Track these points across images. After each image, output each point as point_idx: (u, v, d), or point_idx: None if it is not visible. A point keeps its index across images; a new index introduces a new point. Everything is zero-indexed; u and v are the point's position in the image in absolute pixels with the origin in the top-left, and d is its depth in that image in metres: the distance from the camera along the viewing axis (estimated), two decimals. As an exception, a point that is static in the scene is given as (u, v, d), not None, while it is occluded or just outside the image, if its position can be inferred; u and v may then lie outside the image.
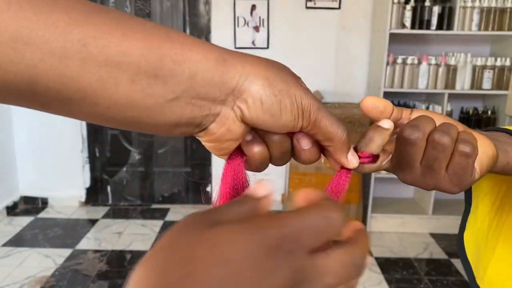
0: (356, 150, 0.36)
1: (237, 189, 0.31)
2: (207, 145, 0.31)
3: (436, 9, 2.63)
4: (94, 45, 0.24)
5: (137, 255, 2.50)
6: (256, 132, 0.32)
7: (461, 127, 0.38)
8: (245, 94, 0.29)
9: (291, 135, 0.32)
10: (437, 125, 0.36)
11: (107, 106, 0.26)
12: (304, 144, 0.32)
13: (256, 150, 0.31)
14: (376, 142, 0.35)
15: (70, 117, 0.27)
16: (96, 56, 0.24)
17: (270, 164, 0.34)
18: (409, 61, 2.70)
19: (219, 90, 0.28)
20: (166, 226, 2.90)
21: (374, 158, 0.36)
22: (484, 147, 0.37)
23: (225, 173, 0.31)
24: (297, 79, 0.32)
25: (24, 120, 3.11)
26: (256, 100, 0.29)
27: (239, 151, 0.32)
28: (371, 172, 0.37)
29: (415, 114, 0.38)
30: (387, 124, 0.35)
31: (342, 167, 0.35)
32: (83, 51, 0.24)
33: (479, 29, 2.64)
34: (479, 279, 0.50)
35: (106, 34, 0.25)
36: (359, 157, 0.35)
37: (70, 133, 3.12)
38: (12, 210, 3.07)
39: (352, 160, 0.34)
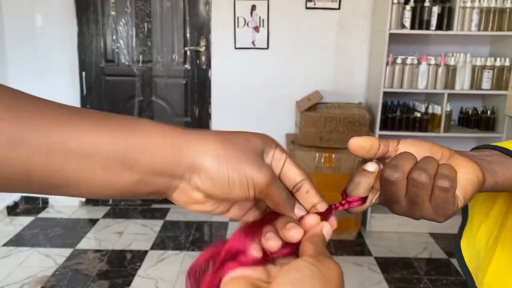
0: (345, 195, 0.39)
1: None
2: (193, 210, 0.37)
3: (436, 9, 2.63)
4: (72, 141, 0.30)
5: (137, 255, 2.51)
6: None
7: (447, 153, 0.39)
8: (197, 170, 0.33)
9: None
10: (419, 158, 0.39)
11: (90, 188, 0.32)
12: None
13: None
14: (362, 186, 0.38)
15: (66, 196, 0.34)
16: (75, 151, 0.30)
17: None
18: (408, 61, 2.71)
19: (176, 169, 0.33)
20: (166, 226, 2.91)
21: (363, 200, 0.39)
22: (468, 174, 0.38)
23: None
24: (252, 151, 0.34)
25: (24, 120, 3.11)
26: (207, 176, 0.33)
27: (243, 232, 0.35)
28: (362, 211, 0.40)
29: (402, 146, 0.40)
30: (371, 167, 0.38)
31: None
32: (64, 148, 0.30)
33: (479, 29, 2.65)
34: (478, 283, 0.51)
35: (83, 132, 0.31)
36: (349, 202, 0.38)
37: (70, 133, 3.13)
38: (12, 209, 3.08)
39: (297, 212, 0.36)
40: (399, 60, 2.71)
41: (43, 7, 2.96)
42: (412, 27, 2.65)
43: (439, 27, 2.65)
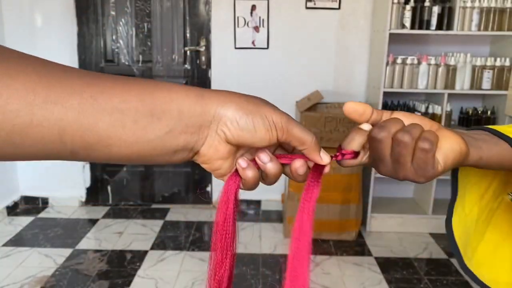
0: (340, 148, 0.43)
1: (232, 205, 0.39)
2: (204, 166, 0.39)
3: (436, 9, 2.63)
4: (102, 98, 0.32)
5: (137, 255, 2.51)
6: (252, 161, 0.39)
7: (435, 126, 0.43)
8: (224, 118, 0.36)
9: (285, 161, 0.40)
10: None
11: (119, 145, 0.33)
12: (302, 171, 0.40)
13: (250, 175, 0.39)
14: (357, 141, 0.43)
15: (93, 161, 0.35)
16: (105, 106, 0.32)
17: None
18: (408, 61, 2.71)
19: (202, 119, 0.36)
20: (166, 226, 2.91)
21: (356, 154, 0.43)
22: (451, 143, 0.42)
23: (223, 192, 0.39)
24: (266, 102, 0.39)
25: (24, 120, 3.11)
26: (233, 122, 0.36)
27: (236, 174, 0.39)
28: (353, 166, 0.45)
29: (395, 115, 0.44)
30: (366, 126, 0.43)
31: (316, 165, 0.41)
32: (95, 104, 0.32)
33: (479, 29, 2.65)
34: (467, 259, 0.55)
35: (110, 89, 0.33)
36: (343, 154, 0.43)
37: (70, 133, 3.13)
38: (12, 210, 3.08)
39: (324, 157, 0.40)
40: (399, 60, 2.71)
41: (43, 7, 2.96)
42: (412, 27, 2.65)
43: (439, 27, 2.65)
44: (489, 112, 2.83)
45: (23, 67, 0.31)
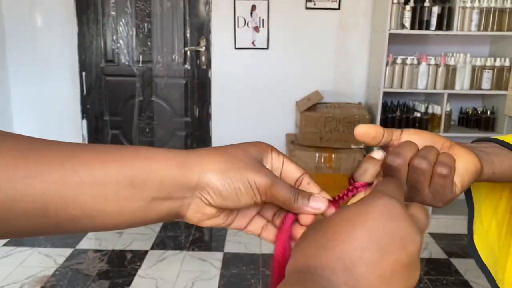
0: (352, 181, 0.41)
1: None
2: (204, 226, 0.39)
3: (436, 10, 2.63)
4: (83, 171, 0.32)
5: (137, 255, 2.51)
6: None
7: (447, 144, 0.42)
8: (206, 188, 0.35)
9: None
10: (421, 147, 0.41)
11: (103, 216, 0.33)
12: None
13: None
14: (370, 172, 0.40)
15: (80, 233, 0.36)
16: (86, 179, 0.32)
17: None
18: (408, 61, 2.71)
19: (184, 188, 0.35)
20: (166, 226, 2.91)
21: (369, 186, 0.41)
22: (467, 163, 0.40)
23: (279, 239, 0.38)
24: (250, 160, 0.36)
25: (25, 120, 3.12)
26: (215, 191, 0.35)
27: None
28: None
29: (405, 135, 0.42)
30: (378, 155, 0.41)
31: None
32: (76, 177, 0.32)
33: (479, 30, 2.65)
34: (499, 281, 0.52)
35: (91, 161, 0.33)
36: (356, 188, 0.40)
37: (71, 133, 3.13)
38: (12, 210, 3.07)
39: (317, 205, 0.37)
40: (399, 60, 2.71)
41: (43, 7, 2.96)
42: (412, 27, 2.66)
43: (439, 27, 2.65)
44: (488, 112, 2.83)
45: (3, 142, 0.31)
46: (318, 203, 0.37)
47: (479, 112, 2.86)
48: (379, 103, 2.74)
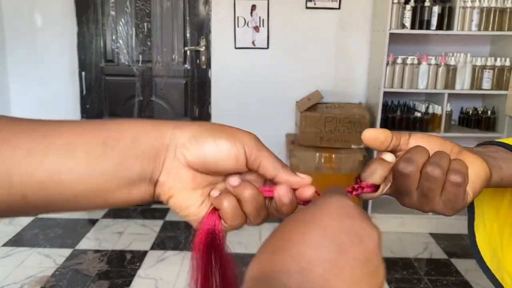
0: (359, 179, 0.39)
1: (213, 244, 0.35)
2: (170, 204, 0.35)
3: (436, 9, 2.63)
4: (52, 135, 0.31)
5: (137, 255, 2.51)
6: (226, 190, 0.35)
7: (456, 149, 0.40)
8: (181, 139, 0.33)
9: (268, 195, 0.35)
10: (431, 153, 0.39)
11: (71, 180, 0.31)
12: (286, 198, 0.35)
13: (225, 204, 0.34)
14: (378, 173, 0.39)
15: (47, 211, 0.33)
16: (55, 141, 0.31)
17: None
18: (409, 61, 2.70)
19: (158, 143, 0.33)
20: (166, 226, 2.90)
21: (376, 187, 0.39)
22: (477, 169, 0.39)
23: (198, 236, 0.35)
24: (232, 127, 0.35)
25: (24, 120, 3.11)
26: (191, 140, 0.33)
27: (213, 211, 0.35)
28: (371, 199, 0.41)
29: (413, 140, 0.41)
30: (389, 157, 0.40)
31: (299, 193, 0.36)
32: (44, 141, 0.31)
33: (479, 29, 2.64)
34: (506, 285, 0.51)
35: (60, 127, 0.32)
36: (362, 187, 0.38)
37: (70, 133, 3.13)
38: (12, 210, 3.07)
39: (303, 175, 0.36)
40: (399, 60, 2.71)
41: (43, 7, 2.96)
42: (412, 27, 2.65)
43: (439, 27, 2.65)
44: (489, 112, 2.82)
45: None
46: (304, 175, 0.36)
47: (480, 112, 2.85)
48: (379, 103, 2.74)
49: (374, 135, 0.40)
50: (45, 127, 0.32)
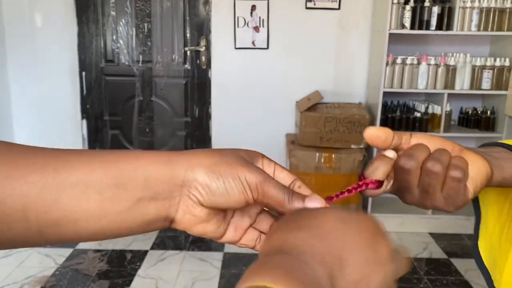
0: (363, 177, 0.41)
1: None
2: (190, 233, 0.37)
3: (436, 9, 2.63)
4: (64, 171, 0.31)
5: (137, 255, 2.51)
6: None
7: (457, 148, 0.41)
8: (194, 183, 0.33)
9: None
10: (432, 150, 0.40)
11: (86, 220, 0.32)
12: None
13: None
14: (381, 170, 0.40)
15: (63, 242, 0.33)
16: (68, 179, 0.31)
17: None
18: (408, 61, 2.71)
19: (172, 184, 0.33)
20: (166, 226, 2.91)
21: (379, 184, 0.40)
22: (479, 167, 0.40)
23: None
24: (241, 159, 0.35)
25: (24, 120, 3.12)
26: (204, 187, 0.33)
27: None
28: (376, 195, 0.42)
29: (414, 139, 0.42)
30: (391, 154, 0.40)
31: None
32: (57, 178, 0.31)
33: (479, 29, 2.65)
34: (496, 283, 0.52)
35: (72, 162, 0.32)
36: (367, 184, 0.40)
37: (71, 133, 3.13)
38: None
39: (313, 205, 0.35)
40: (399, 60, 2.71)
41: (43, 7, 2.96)
42: (412, 27, 2.65)
43: (439, 27, 2.65)
44: (488, 112, 2.83)
45: None
46: (315, 202, 0.35)
47: (479, 112, 2.86)
48: (379, 103, 2.74)
49: (376, 133, 0.41)
50: (56, 159, 0.32)
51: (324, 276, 0.27)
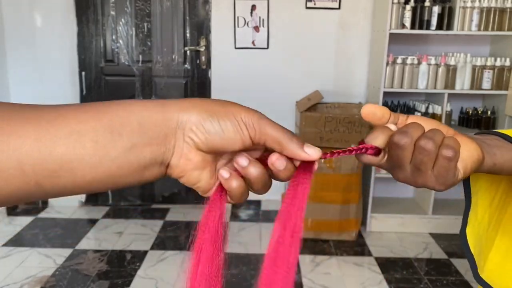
0: (362, 142, 0.42)
1: (216, 221, 0.36)
2: (181, 181, 0.36)
3: (436, 9, 2.63)
4: (57, 122, 0.31)
5: (137, 255, 2.51)
6: (236, 170, 0.36)
7: (451, 131, 0.42)
8: (188, 124, 0.34)
9: (266, 165, 0.36)
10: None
11: (83, 168, 0.32)
12: (279, 165, 0.36)
13: (235, 185, 0.36)
14: (381, 138, 0.41)
15: (63, 195, 0.33)
16: (62, 130, 0.31)
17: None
18: (408, 61, 2.70)
19: (166, 127, 0.34)
20: (166, 226, 2.90)
21: (378, 151, 0.42)
22: (470, 151, 0.42)
23: (208, 209, 0.36)
24: (234, 103, 0.36)
25: (24, 120, 3.11)
26: (198, 126, 0.34)
27: (220, 187, 0.36)
28: (371, 164, 0.43)
29: (411, 120, 0.43)
30: (392, 126, 0.42)
31: (304, 162, 0.36)
32: (51, 129, 0.31)
33: (479, 29, 2.64)
34: (480, 270, 0.54)
35: (65, 113, 0.32)
36: (366, 149, 0.41)
37: (70, 133, 3.13)
38: (12, 210, 3.07)
39: (309, 151, 0.36)
40: (399, 60, 2.71)
41: (43, 7, 2.96)
42: (412, 27, 2.65)
43: (439, 27, 2.65)
44: (489, 112, 2.82)
45: None
46: (312, 150, 0.36)
47: (480, 112, 2.85)
48: (379, 103, 2.74)
49: (373, 110, 0.42)
50: (50, 113, 0.32)
51: None
